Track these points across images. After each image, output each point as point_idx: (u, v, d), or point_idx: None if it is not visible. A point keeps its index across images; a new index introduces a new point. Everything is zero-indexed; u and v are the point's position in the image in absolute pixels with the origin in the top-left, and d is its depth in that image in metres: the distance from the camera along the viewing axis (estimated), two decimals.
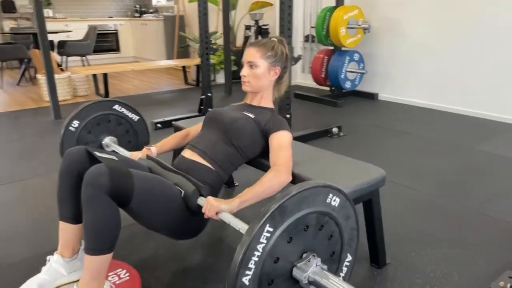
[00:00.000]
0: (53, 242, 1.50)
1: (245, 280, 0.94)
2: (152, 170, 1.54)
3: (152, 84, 5.97)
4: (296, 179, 1.45)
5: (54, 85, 3.83)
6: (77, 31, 7.10)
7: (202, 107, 3.87)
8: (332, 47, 4.68)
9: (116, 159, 1.40)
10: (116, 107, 1.94)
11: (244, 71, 1.63)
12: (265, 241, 0.94)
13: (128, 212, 1.30)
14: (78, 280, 1.31)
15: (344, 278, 1.19)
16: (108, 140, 1.94)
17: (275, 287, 1.01)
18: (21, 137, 3.42)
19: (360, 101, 4.72)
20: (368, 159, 2.82)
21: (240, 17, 5.99)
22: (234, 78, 5.12)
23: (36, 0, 3.50)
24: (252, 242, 0.92)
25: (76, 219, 1.44)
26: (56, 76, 4.54)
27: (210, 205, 1.28)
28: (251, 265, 0.94)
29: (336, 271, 1.16)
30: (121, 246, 1.78)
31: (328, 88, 4.92)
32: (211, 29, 6.43)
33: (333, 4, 4.49)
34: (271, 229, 0.94)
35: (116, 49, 8.35)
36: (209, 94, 3.85)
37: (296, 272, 1.03)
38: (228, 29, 5.09)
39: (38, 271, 1.45)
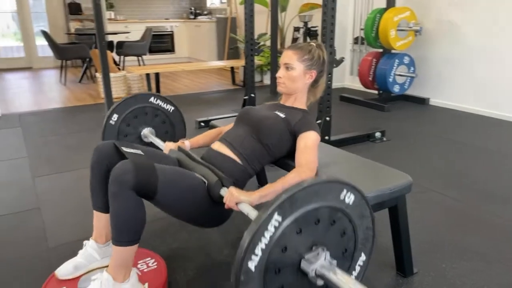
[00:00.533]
0: None
1: (251, 265, 0.95)
2: (180, 161, 1.62)
3: (201, 84, 6.16)
4: None
5: (109, 83, 4.07)
6: (135, 32, 7.49)
7: (244, 107, 3.94)
8: (381, 50, 4.57)
9: (141, 153, 1.49)
10: (152, 99, 2.04)
11: (280, 73, 1.66)
12: (273, 230, 0.96)
13: (154, 204, 1.37)
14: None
15: (356, 278, 1.18)
16: (146, 132, 2.05)
17: (282, 277, 1.02)
18: (78, 131, 3.68)
19: (410, 105, 4.56)
20: (407, 165, 2.76)
21: (290, 19, 6.01)
22: None
23: (95, 4, 3.74)
24: (260, 229, 0.94)
25: (106, 208, 1.53)
26: (112, 74, 4.82)
27: (231, 195, 1.33)
28: (258, 251, 0.95)
29: (348, 269, 1.15)
30: (152, 237, 1.89)
31: (376, 92, 4.80)
32: (261, 30, 6.52)
33: (384, 5, 4.38)
34: (279, 218, 0.96)
35: (171, 49, 8.68)
36: (252, 95, 3.91)
37: (304, 264, 1.03)
38: (275, 31, 5.12)
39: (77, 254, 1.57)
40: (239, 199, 1.31)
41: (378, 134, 3.37)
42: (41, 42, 6.85)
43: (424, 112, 4.31)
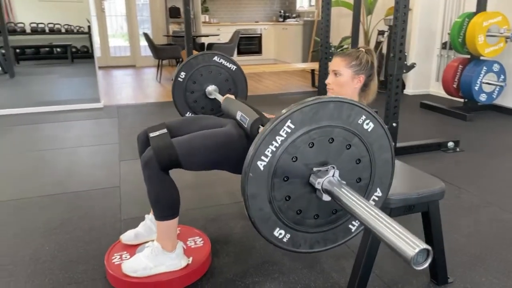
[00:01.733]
0: None
1: (260, 164, 1.00)
2: (229, 108, 1.78)
3: (281, 85, 6.35)
4: None
5: None
6: (226, 34, 7.95)
7: None
8: (468, 56, 4.31)
9: (165, 131, 1.62)
10: (216, 58, 2.21)
11: (329, 79, 1.74)
12: (284, 135, 1.00)
13: (189, 169, 1.54)
14: None
15: None
16: (210, 89, 2.23)
17: (290, 186, 1.05)
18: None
19: (497, 116, 4.24)
20: (474, 178, 2.64)
21: (376, 22, 5.92)
22: None
23: (185, 9, 4.14)
24: (271, 132, 0.99)
25: None
26: None
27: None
28: (268, 153, 1.00)
29: None
30: (207, 220, 2.12)
31: (462, 100, 4.54)
32: (345, 33, 6.50)
33: (474, 9, 4.13)
34: (292, 126, 1.00)
35: (258, 51, 9.03)
36: None
37: (312, 178, 1.06)
38: (357, 34, 5.09)
39: None
40: None
41: (451, 144, 3.23)
42: (144, 42, 7.65)
43: (511, 123, 3.98)
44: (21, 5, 8.49)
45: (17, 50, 8.28)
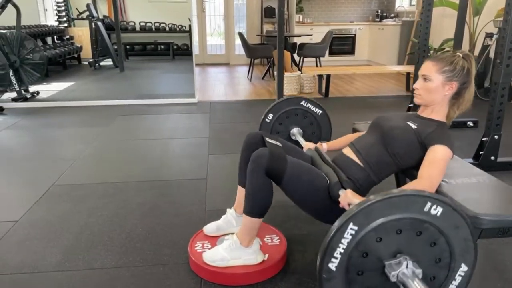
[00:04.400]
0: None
1: (332, 266, 1.09)
2: (313, 159, 1.82)
3: (373, 88, 6.14)
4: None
5: (282, 81, 4.52)
6: (318, 34, 7.90)
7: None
8: None
9: (280, 145, 1.74)
10: (303, 102, 2.29)
11: (418, 84, 1.67)
12: (349, 237, 1.08)
13: (281, 188, 1.62)
14: None
15: (458, 287, 1.19)
16: (295, 131, 2.32)
17: (365, 278, 1.13)
18: (250, 121, 4.21)
19: None
20: None
21: (484, 24, 5.42)
22: None
23: (279, 10, 4.20)
24: (335, 236, 1.07)
25: None
26: (288, 74, 5.30)
27: (345, 196, 1.46)
28: (337, 254, 1.09)
29: (446, 278, 1.17)
30: (285, 219, 2.17)
31: None
32: (448, 35, 6.05)
33: None
34: (355, 228, 1.07)
35: (351, 52, 8.82)
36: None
37: (387, 269, 1.12)
38: (461, 36, 4.72)
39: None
40: (352, 201, 1.43)
41: None
42: (239, 41, 7.94)
43: None
44: (133, 5, 9.37)
45: (127, 47, 9.17)
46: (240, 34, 6.70)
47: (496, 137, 2.74)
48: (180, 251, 1.88)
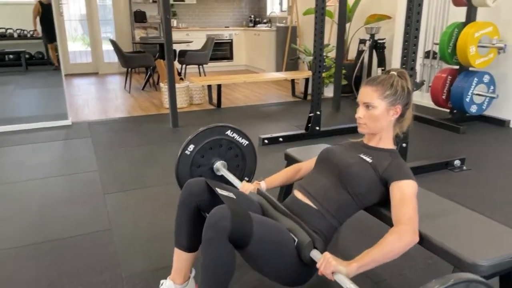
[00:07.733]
0: (168, 258, 1.60)
1: None
2: (263, 207, 1.52)
3: (260, 95, 6.10)
4: (423, 240, 1.30)
5: (174, 95, 4.11)
6: (196, 40, 7.58)
7: (309, 125, 3.80)
8: (457, 67, 4.26)
9: (234, 197, 1.41)
10: (229, 132, 1.97)
11: (360, 113, 1.49)
12: None
13: (242, 254, 1.29)
14: None
15: None
16: (219, 165, 1.98)
17: None
18: (145, 143, 3.71)
19: (487, 128, 4.21)
20: (497, 203, 2.50)
21: (355, 30, 5.80)
22: (343, 92, 4.99)
23: (165, 18, 3.78)
24: None
25: (190, 248, 1.48)
26: (177, 85, 4.87)
27: (327, 262, 1.20)
28: None
29: None
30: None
31: (447, 110, 4.48)
32: (325, 41, 6.36)
33: (463, 19, 4.08)
34: None
35: (229, 57, 8.73)
36: (318, 113, 3.76)
37: None
38: (342, 43, 4.95)
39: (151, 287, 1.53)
40: (336, 269, 1.18)
41: (457, 162, 3.11)
42: (107, 47, 7.13)
43: (504, 136, 3.95)
44: None
45: None
46: (113, 42, 5.99)
47: (404, 145, 2.85)
48: None
